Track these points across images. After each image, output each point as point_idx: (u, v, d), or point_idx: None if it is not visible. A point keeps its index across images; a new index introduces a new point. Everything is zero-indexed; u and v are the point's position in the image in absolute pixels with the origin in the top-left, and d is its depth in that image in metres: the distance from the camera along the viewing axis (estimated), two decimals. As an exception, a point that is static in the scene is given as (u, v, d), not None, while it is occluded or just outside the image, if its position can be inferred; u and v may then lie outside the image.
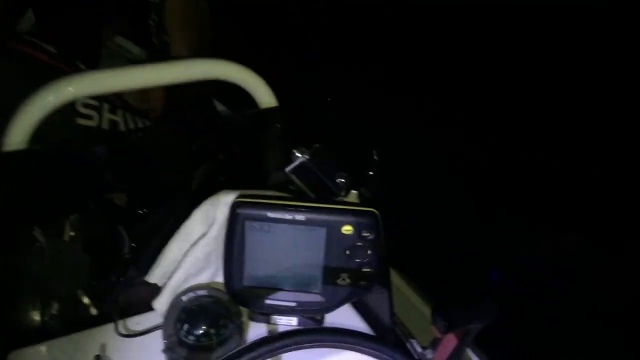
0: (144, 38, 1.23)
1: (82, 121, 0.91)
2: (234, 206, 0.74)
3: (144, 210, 0.83)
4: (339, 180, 0.79)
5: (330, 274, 0.75)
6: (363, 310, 0.85)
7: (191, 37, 1.15)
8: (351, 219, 0.73)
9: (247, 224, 0.73)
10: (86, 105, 0.91)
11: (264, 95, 0.82)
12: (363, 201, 0.79)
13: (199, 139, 0.81)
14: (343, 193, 0.79)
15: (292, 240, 0.75)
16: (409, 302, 1.22)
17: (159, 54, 1.19)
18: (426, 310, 1.18)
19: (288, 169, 0.79)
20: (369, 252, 0.73)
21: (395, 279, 1.28)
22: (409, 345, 0.88)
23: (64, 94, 0.71)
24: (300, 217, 0.73)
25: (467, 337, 0.83)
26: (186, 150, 0.82)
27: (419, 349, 0.87)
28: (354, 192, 0.80)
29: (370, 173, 0.79)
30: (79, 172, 0.71)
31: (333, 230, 0.73)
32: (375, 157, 0.78)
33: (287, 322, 0.79)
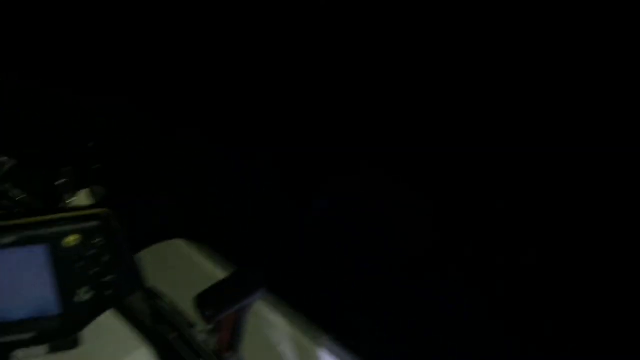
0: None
1: None
2: None
3: None
4: (60, 181, 0.69)
5: (67, 292, 0.65)
6: (127, 314, 0.78)
7: None
8: (72, 227, 0.64)
9: (-56, 261, 0.61)
10: None
11: None
12: (98, 199, 0.70)
13: None
14: (68, 195, 0.69)
15: (10, 266, 0.63)
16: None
17: None
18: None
19: None
20: (105, 258, 0.65)
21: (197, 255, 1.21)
22: (190, 334, 0.82)
23: None
24: (10, 239, 0.62)
25: (243, 312, 0.79)
26: None
27: (200, 337, 0.82)
28: (82, 191, 0.70)
29: (97, 165, 0.70)
30: None
31: (55, 245, 0.63)
32: (93, 148, 0.69)
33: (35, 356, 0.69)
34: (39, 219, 0.62)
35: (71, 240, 0.63)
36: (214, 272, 1.13)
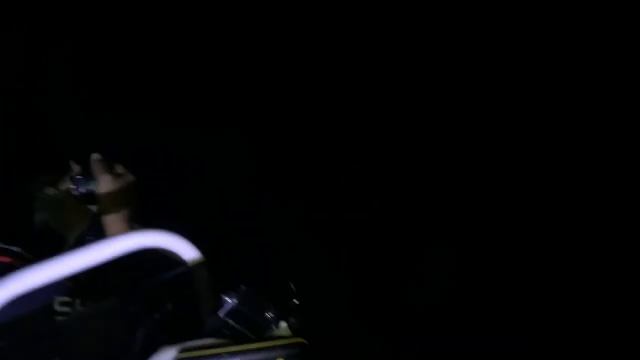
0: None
1: (59, 319, 0.96)
2: (177, 364, 0.83)
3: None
4: (268, 315, 0.92)
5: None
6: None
7: (123, 213, 1.23)
8: (281, 352, 0.86)
9: (193, 379, 0.84)
10: (62, 304, 0.97)
11: (189, 252, 0.93)
12: (294, 330, 0.93)
13: (134, 302, 0.89)
14: (274, 326, 0.92)
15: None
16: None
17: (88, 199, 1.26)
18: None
19: (222, 314, 0.90)
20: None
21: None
22: None
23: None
24: (237, 362, 0.84)
25: None
26: (122, 317, 0.89)
27: None
28: (283, 323, 0.92)
29: (295, 302, 0.93)
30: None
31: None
32: (292, 287, 0.92)
33: None
34: (257, 345, 0.85)
35: (278, 365, 0.85)
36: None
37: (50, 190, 1.32)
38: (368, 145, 3.05)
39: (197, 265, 0.95)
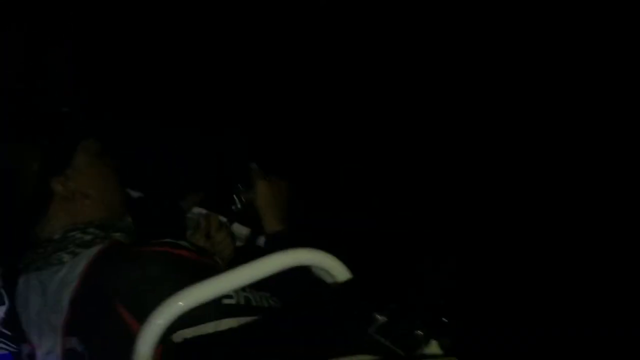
0: (223, 207, 1.34)
1: (226, 301, 1.00)
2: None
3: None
4: (417, 333, 0.91)
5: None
6: None
7: (280, 214, 1.27)
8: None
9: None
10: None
11: (341, 270, 0.94)
12: (444, 349, 0.92)
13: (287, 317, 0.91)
14: (424, 345, 0.92)
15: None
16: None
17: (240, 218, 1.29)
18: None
19: (372, 331, 0.90)
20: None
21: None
22: None
23: (175, 310, 0.79)
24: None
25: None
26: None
27: None
28: (434, 342, 0.92)
29: (445, 320, 0.93)
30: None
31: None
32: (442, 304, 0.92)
33: None
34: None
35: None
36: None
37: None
38: (368, 145, 3.06)
39: (348, 283, 0.95)
